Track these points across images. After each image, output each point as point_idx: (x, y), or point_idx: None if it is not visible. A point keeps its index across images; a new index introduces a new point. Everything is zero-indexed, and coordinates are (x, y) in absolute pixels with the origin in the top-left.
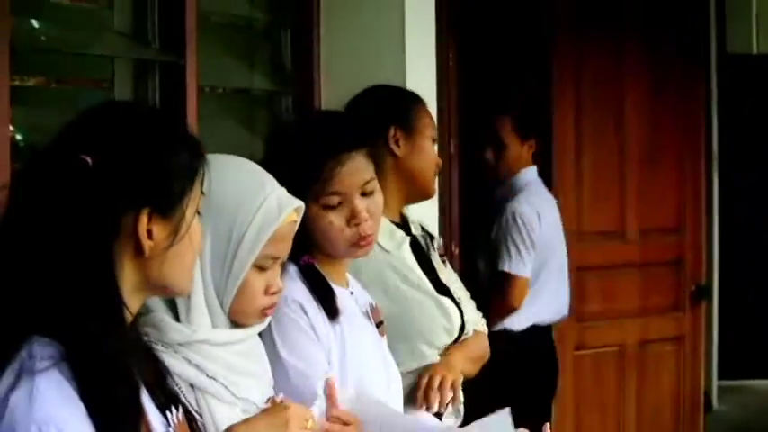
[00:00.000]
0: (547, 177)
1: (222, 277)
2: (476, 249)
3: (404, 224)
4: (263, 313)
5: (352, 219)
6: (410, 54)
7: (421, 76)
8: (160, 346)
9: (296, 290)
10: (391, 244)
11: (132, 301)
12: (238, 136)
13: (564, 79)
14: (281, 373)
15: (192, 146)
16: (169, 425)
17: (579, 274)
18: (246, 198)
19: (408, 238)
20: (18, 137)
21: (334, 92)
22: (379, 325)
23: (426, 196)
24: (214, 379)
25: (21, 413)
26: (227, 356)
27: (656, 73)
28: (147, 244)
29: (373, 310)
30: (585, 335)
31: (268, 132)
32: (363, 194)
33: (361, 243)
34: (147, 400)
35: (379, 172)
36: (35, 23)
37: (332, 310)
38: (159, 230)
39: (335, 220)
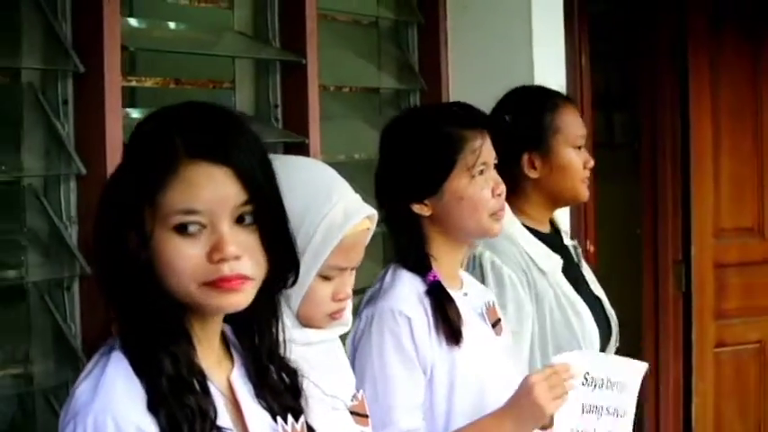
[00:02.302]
0: (685, 176)
1: None
2: None
3: (556, 233)
4: (331, 317)
5: (496, 188)
6: (538, 50)
7: (549, 72)
8: None
9: (407, 303)
10: (548, 265)
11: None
12: (366, 135)
13: (700, 79)
14: (363, 381)
15: (157, 160)
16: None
17: (718, 271)
18: (312, 207)
19: (561, 263)
20: None
21: (462, 89)
22: (495, 324)
23: (578, 203)
24: (303, 377)
25: (84, 401)
26: (312, 355)
27: None
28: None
29: (489, 309)
30: (725, 332)
31: (389, 124)
32: None
33: (499, 214)
34: (252, 400)
35: (519, 191)
36: (154, 24)
37: (456, 338)
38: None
39: (485, 187)
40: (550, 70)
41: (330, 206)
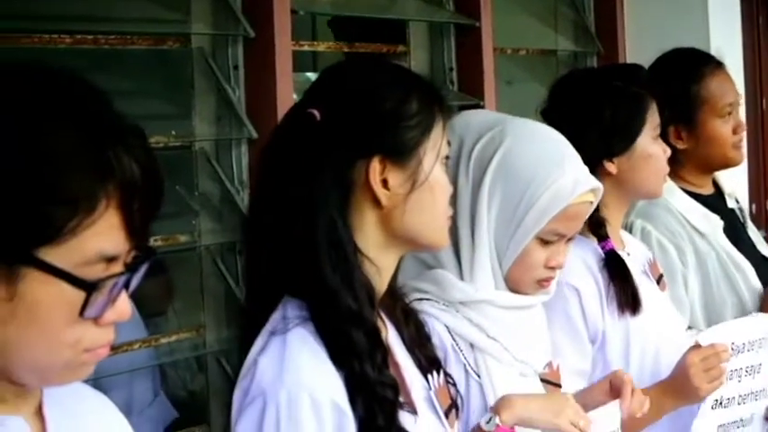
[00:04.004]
0: None
1: (504, 241)
2: None
3: (719, 195)
4: (539, 284)
5: (666, 150)
6: (714, 11)
7: (724, 35)
8: (441, 304)
9: (574, 274)
10: (707, 227)
11: (381, 256)
12: (544, 97)
13: None
14: None
15: (426, 94)
16: (430, 388)
17: None
18: (543, 170)
19: (722, 224)
20: None
21: (637, 51)
22: (659, 280)
23: (733, 166)
24: (495, 340)
25: (270, 378)
26: (509, 319)
27: None
28: (381, 193)
29: (651, 265)
30: None
31: (562, 86)
32: None
33: (667, 176)
34: (407, 361)
35: (671, 159)
36: None
37: (636, 309)
38: (395, 179)
39: (662, 153)
40: (726, 32)
41: (561, 173)
